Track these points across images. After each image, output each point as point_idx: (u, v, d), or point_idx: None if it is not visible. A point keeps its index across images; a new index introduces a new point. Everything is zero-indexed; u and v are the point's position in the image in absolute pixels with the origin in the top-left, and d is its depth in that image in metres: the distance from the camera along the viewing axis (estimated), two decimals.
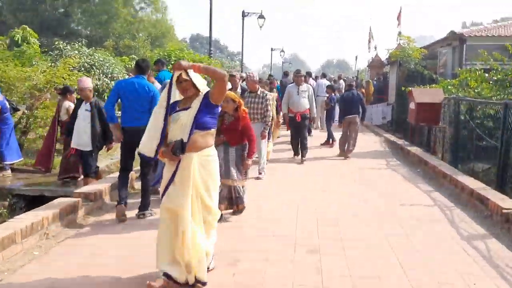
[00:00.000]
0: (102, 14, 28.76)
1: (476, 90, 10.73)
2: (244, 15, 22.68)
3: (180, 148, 3.17)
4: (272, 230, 4.72)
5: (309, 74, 12.19)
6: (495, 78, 9.80)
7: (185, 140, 3.19)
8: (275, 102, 8.50)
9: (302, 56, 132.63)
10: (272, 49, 38.77)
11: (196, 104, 3.27)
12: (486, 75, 9.68)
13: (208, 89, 3.39)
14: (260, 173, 7.24)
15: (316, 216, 5.19)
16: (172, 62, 13.71)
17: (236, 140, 4.97)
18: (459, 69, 11.54)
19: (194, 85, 3.29)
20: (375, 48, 21.02)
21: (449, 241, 4.51)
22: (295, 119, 8.67)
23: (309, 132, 10.95)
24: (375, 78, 18.85)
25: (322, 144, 11.16)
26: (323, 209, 5.53)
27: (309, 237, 4.53)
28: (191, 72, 3.29)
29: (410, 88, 11.43)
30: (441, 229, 4.87)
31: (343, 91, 15.42)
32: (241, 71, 25.15)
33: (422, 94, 9.97)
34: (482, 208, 5.44)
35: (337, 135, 11.58)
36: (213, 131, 3.40)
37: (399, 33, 15.63)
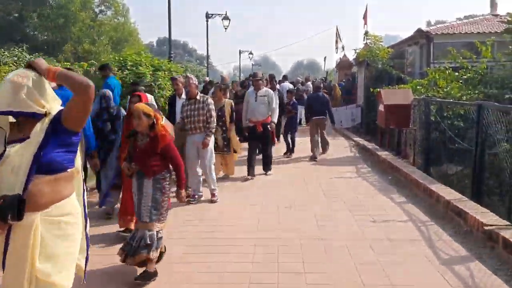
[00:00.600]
0: (59, 17, 27.41)
1: (445, 90, 10.40)
2: (208, 16, 21.95)
3: (13, 209, 1.96)
4: (222, 270, 4.03)
5: (271, 76, 11.34)
6: (465, 76, 9.44)
7: (19, 191, 2.02)
8: (230, 109, 7.33)
9: (273, 58, 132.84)
10: (240, 51, 38.16)
11: (37, 132, 2.12)
12: (456, 73, 9.29)
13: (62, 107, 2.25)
14: (213, 195, 6.16)
15: (277, 244, 4.50)
16: (128, 68, 12.88)
17: (153, 169, 3.70)
18: (428, 68, 11.18)
19: (36, 100, 2.14)
20: (343, 48, 20.68)
21: (427, 267, 3.92)
22: (256, 129, 7.61)
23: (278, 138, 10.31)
24: (343, 80, 18.45)
25: (284, 154, 10.03)
26: (286, 234, 4.85)
27: (267, 270, 3.86)
28: (37, 80, 2.16)
29: (378, 89, 10.98)
30: (417, 251, 4.29)
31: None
32: (207, 75, 24.43)
33: (391, 96, 9.50)
34: (460, 222, 4.92)
35: (301, 140, 11.08)
36: (70, 172, 2.24)
37: (366, 33, 15.23)
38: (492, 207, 5.50)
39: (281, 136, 10.34)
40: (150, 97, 6.55)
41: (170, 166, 3.84)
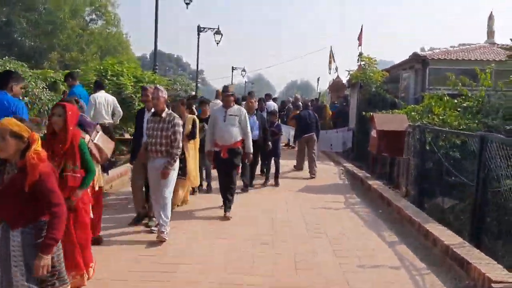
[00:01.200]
0: (47, 24, 26.74)
1: (441, 117, 9.84)
2: (199, 30, 21.43)
3: None
4: None
5: (268, 95, 10.90)
6: (464, 104, 8.86)
7: None
8: (191, 126, 6.49)
9: (267, 77, 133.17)
10: (233, 68, 37.72)
11: None
12: (455, 101, 8.72)
13: None
14: (161, 232, 4.96)
15: None
16: (109, 77, 12.20)
17: (20, 216, 2.58)
18: (425, 93, 10.63)
19: None
20: (336, 69, 20.22)
21: None
22: (220, 155, 6.19)
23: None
24: (336, 102, 17.89)
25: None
26: (258, 279, 4.09)
27: None
28: None
29: (371, 113, 10.38)
30: None
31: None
32: (196, 90, 23.80)
33: (384, 121, 8.89)
34: (461, 273, 4.21)
35: (287, 163, 10.43)
36: None
37: (360, 54, 14.73)
38: (494, 252, 4.86)
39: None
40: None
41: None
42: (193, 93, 15.19)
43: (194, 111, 7.86)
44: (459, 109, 8.88)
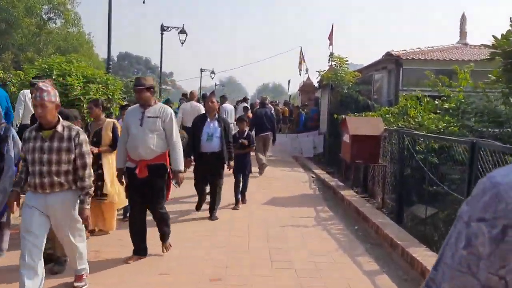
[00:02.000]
0: (0, 22, 24.91)
1: (416, 120, 9.11)
2: (163, 29, 20.25)
3: None
4: None
5: (224, 97, 9.96)
6: (447, 106, 8.12)
7: None
8: (111, 133, 5.28)
9: (239, 80, 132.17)
10: (202, 70, 36.54)
11: None
12: (437, 102, 7.98)
13: None
14: (79, 278, 3.74)
15: None
16: (54, 77, 10.95)
17: None
18: (402, 94, 9.89)
19: None
20: (307, 71, 19.44)
21: None
22: (135, 173, 4.40)
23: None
24: (306, 104, 17.07)
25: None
26: None
27: None
28: None
29: (343, 116, 9.54)
30: None
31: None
32: (159, 95, 22.55)
33: (358, 125, 8.05)
34: None
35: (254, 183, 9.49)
36: None
37: (331, 54, 13.96)
38: None
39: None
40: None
41: None
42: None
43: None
44: (438, 111, 8.15)
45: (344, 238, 5.59)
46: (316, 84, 16.78)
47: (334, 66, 13.56)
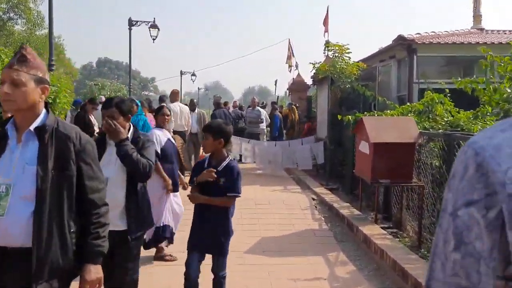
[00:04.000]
0: None
1: (446, 119, 6.82)
2: (131, 24, 17.66)
3: None
4: None
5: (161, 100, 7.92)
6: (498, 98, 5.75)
7: None
8: None
9: (225, 84, 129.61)
10: (182, 72, 33.87)
11: None
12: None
13: None
14: None
15: None
16: None
17: None
18: (426, 87, 7.50)
19: None
20: (297, 66, 17.02)
21: None
22: None
23: None
24: (297, 105, 14.61)
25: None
26: None
27: None
28: None
29: (354, 117, 7.13)
30: None
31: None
32: (129, 94, 19.95)
33: (382, 128, 5.61)
34: None
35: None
36: None
37: (327, 42, 11.56)
38: None
39: None
40: None
41: None
42: (103, 98, 11.44)
43: None
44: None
45: None
46: (310, 81, 14.36)
47: (332, 56, 11.15)
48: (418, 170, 5.61)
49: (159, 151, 4.38)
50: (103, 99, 10.96)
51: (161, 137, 4.57)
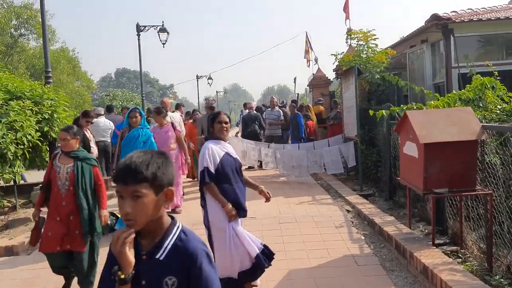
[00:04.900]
0: None
1: (500, 107, 5.67)
2: (139, 29, 16.83)
3: None
4: None
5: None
6: None
7: None
8: None
9: (243, 85, 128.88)
10: (198, 77, 33.11)
11: None
12: None
13: None
14: None
15: None
16: None
17: None
18: (472, 72, 6.27)
19: None
20: (316, 61, 15.85)
21: None
22: None
23: None
24: (320, 100, 13.42)
25: None
26: None
27: None
28: None
29: (394, 109, 5.99)
30: None
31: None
32: (142, 102, 19.19)
33: (433, 124, 4.45)
34: None
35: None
36: None
37: (349, 30, 10.39)
38: None
39: None
40: None
41: None
42: (100, 109, 10.56)
43: None
44: None
45: None
46: (331, 75, 13.19)
47: (355, 45, 9.98)
48: (482, 174, 4.44)
49: (212, 169, 3.55)
50: (101, 110, 10.06)
51: (216, 151, 3.63)
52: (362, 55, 9.58)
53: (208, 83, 32.95)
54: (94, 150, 7.06)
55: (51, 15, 25.85)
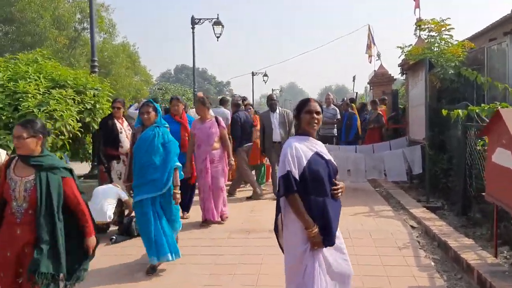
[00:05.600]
0: (27, 35, 22.73)
1: None
2: (194, 22, 16.50)
3: None
4: None
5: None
6: None
7: None
8: None
9: (300, 84, 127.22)
10: (253, 73, 32.61)
11: None
12: None
13: None
14: None
15: None
16: (2, 82, 7.50)
17: None
18: None
19: None
20: (379, 56, 14.66)
21: None
22: None
23: None
24: (384, 98, 12.25)
25: None
26: None
27: None
28: None
29: (473, 109, 4.95)
30: None
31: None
32: (194, 97, 18.87)
33: None
34: None
35: None
36: None
37: (419, 21, 9.26)
38: None
39: None
40: None
41: None
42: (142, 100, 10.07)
43: None
44: None
45: None
46: (394, 72, 12.00)
47: (426, 36, 8.83)
48: None
49: (296, 174, 2.61)
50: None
51: (302, 151, 2.70)
52: (433, 47, 8.43)
53: (264, 80, 32.36)
54: (125, 144, 6.40)
55: (113, 9, 26.40)
